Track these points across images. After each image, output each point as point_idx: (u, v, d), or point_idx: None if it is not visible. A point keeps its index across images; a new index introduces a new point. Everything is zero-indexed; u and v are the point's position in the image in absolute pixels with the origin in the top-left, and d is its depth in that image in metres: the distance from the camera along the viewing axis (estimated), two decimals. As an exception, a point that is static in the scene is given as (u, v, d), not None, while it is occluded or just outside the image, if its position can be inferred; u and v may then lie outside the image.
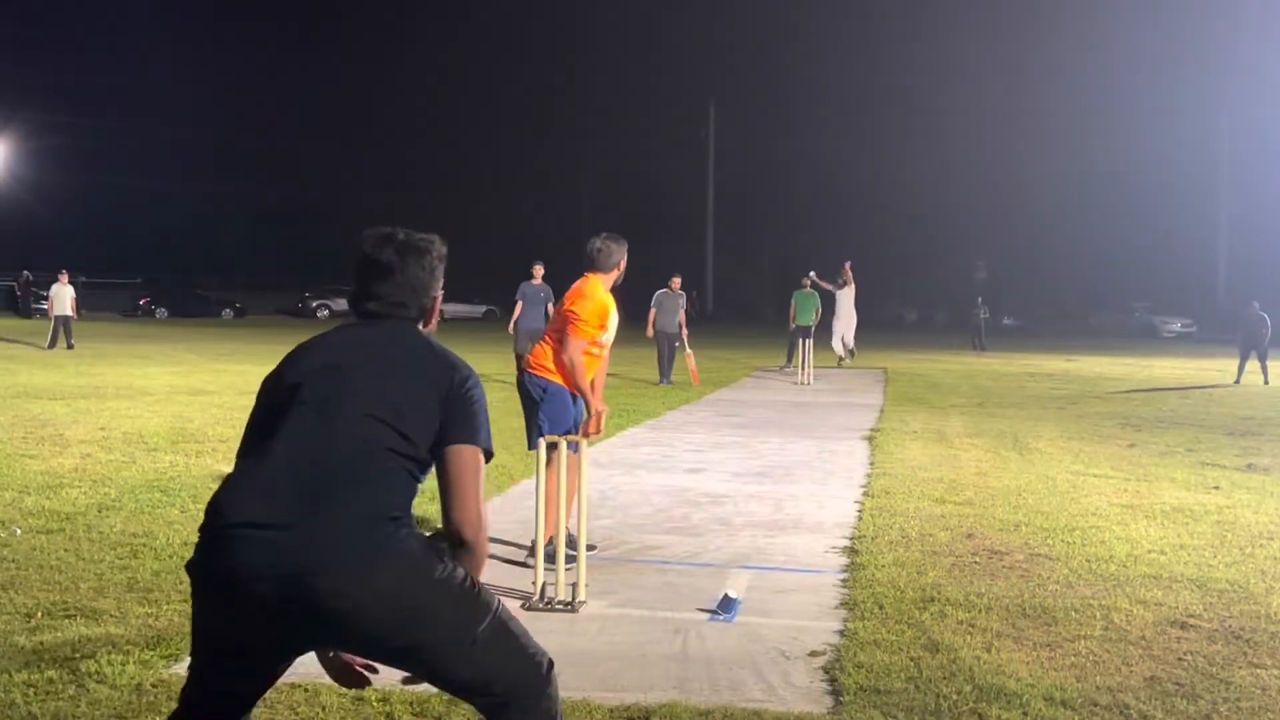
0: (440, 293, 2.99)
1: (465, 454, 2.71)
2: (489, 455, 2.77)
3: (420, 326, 2.94)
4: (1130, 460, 10.90)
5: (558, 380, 6.57)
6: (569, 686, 4.46)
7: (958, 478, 9.61)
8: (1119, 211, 62.70)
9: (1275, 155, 56.41)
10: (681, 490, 8.97)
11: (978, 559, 6.58)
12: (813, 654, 4.88)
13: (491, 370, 18.61)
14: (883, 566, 6.34)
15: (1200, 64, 59.62)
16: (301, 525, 2.51)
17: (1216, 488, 9.32)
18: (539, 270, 17.63)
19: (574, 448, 5.98)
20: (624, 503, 8.37)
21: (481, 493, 2.72)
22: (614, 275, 6.81)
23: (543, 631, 5.15)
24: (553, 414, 6.52)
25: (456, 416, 2.72)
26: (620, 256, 6.80)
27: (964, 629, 5.17)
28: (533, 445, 6.40)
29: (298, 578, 2.46)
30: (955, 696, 4.30)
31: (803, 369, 20.61)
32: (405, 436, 2.66)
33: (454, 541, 2.69)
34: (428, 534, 2.70)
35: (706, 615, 5.46)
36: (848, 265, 24.12)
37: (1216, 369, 27.47)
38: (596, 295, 6.61)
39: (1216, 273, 60.78)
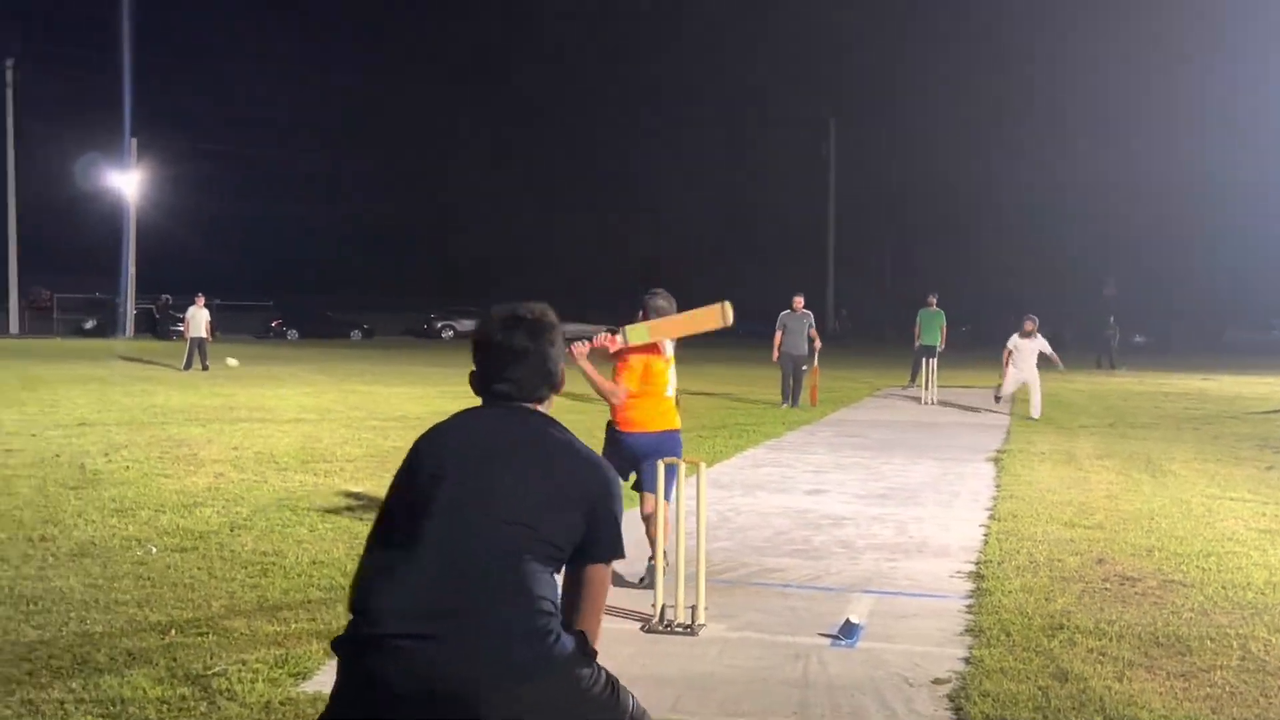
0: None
1: (604, 572, 2.75)
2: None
3: (551, 397, 2.89)
4: (1269, 484, 10.52)
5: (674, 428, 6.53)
6: (689, 710, 4.47)
7: (1088, 501, 9.37)
8: (1255, 224, 60.65)
9: None
10: (802, 512, 8.90)
11: (1109, 585, 6.40)
12: (937, 681, 4.79)
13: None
14: (1010, 592, 6.21)
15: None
16: (456, 639, 2.48)
17: (1364, 512, 8.94)
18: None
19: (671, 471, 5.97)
20: (743, 524, 8.34)
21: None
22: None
23: (663, 655, 5.18)
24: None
25: (602, 536, 2.71)
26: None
27: (1094, 657, 5.03)
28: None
29: (453, 695, 2.44)
30: (1085, 728, 4.19)
31: (926, 388, 20.33)
32: (551, 542, 2.63)
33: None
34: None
35: (828, 640, 5.41)
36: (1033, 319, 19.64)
37: (1363, 387, 26.34)
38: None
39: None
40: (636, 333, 6.19)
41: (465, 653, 2.47)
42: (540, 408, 2.84)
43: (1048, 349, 17.84)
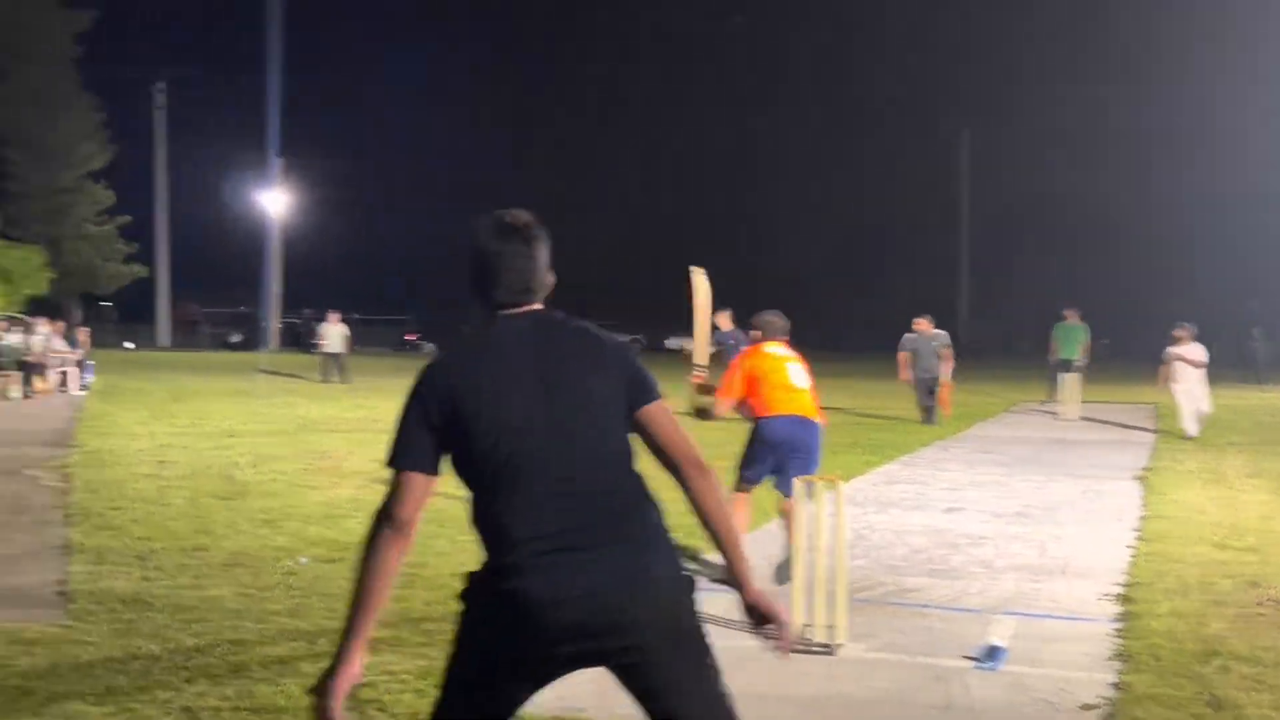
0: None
1: (663, 406, 2.75)
2: None
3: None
4: None
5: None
6: (829, 732, 4.43)
7: (1239, 521, 9.06)
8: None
9: None
10: (939, 530, 8.77)
11: (1263, 610, 6.18)
12: (1085, 707, 4.68)
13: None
14: (1159, 616, 6.03)
15: None
16: (596, 549, 2.55)
17: None
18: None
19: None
20: (879, 542, 8.25)
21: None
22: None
23: (801, 674, 5.15)
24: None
25: (640, 385, 2.74)
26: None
27: (1249, 685, 4.86)
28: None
29: (602, 605, 2.52)
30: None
31: (1065, 404, 19.85)
32: (620, 431, 2.70)
33: (695, 474, 2.71)
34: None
35: (970, 663, 5.32)
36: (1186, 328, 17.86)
37: None
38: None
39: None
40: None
41: (610, 565, 2.54)
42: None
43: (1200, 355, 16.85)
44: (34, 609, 6.01)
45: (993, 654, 5.38)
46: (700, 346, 7.48)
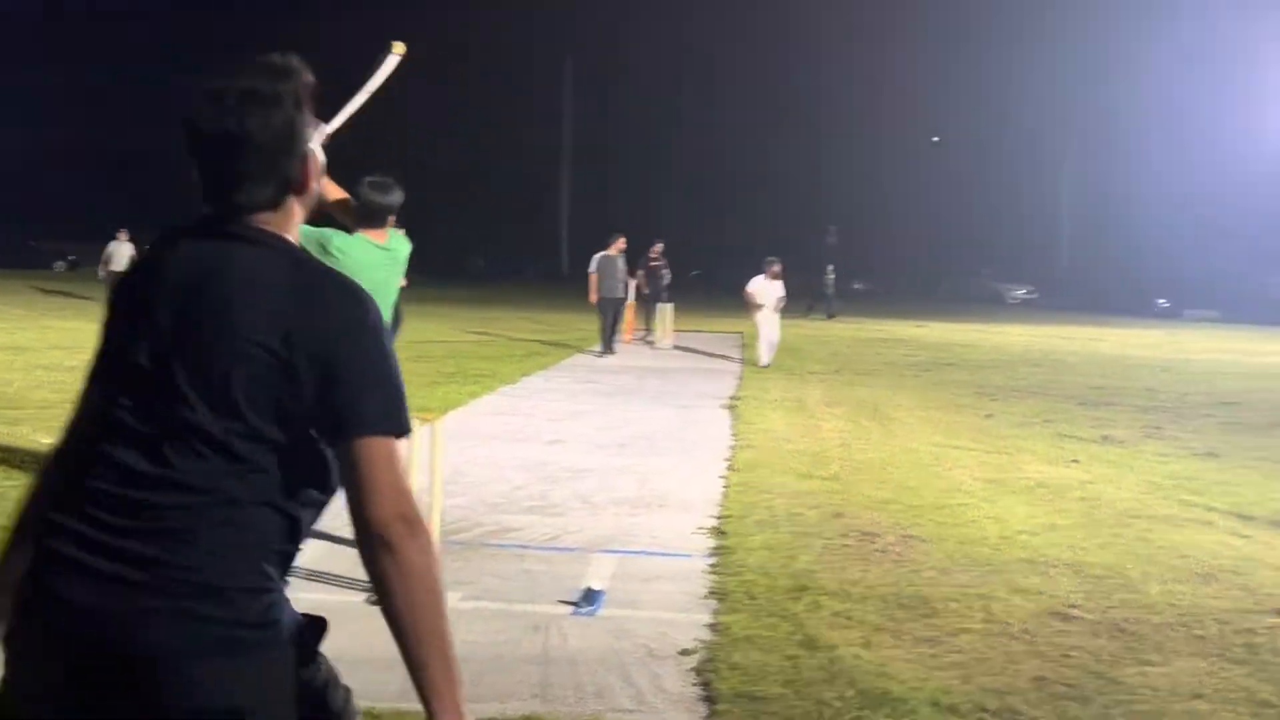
0: (317, 146, 1.94)
1: (382, 448, 1.82)
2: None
3: (294, 213, 1.93)
4: (989, 432, 10.87)
5: None
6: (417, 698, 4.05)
7: (822, 450, 9.41)
8: (967, 180, 63.95)
9: (1117, 132, 58.27)
10: (540, 464, 8.57)
11: (849, 542, 6.33)
12: (683, 653, 4.54)
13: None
14: (753, 550, 6.04)
15: (1050, 46, 60.92)
16: (125, 582, 1.74)
17: (1076, 461, 9.31)
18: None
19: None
20: (478, 479, 7.92)
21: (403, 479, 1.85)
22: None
23: (387, 631, 4.72)
24: None
25: (356, 393, 1.81)
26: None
27: (840, 622, 4.89)
28: None
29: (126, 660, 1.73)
30: (838, 703, 4.01)
31: (659, 333, 20.42)
32: (257, 432, 1.79)
33: (371, 547, 1.84)
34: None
35: (569, 609, 5.08)
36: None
37: (1061, 336, 28.14)
38: None
39: (1059, 242, 62.74)
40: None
41: (133, 599, 1.72)
42: (271, 225, 1.89)
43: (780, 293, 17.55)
44: None
45: (591, 598, 5.17)
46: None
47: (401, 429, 1.84)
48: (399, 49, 5.16)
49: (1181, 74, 54.76)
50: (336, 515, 2.02)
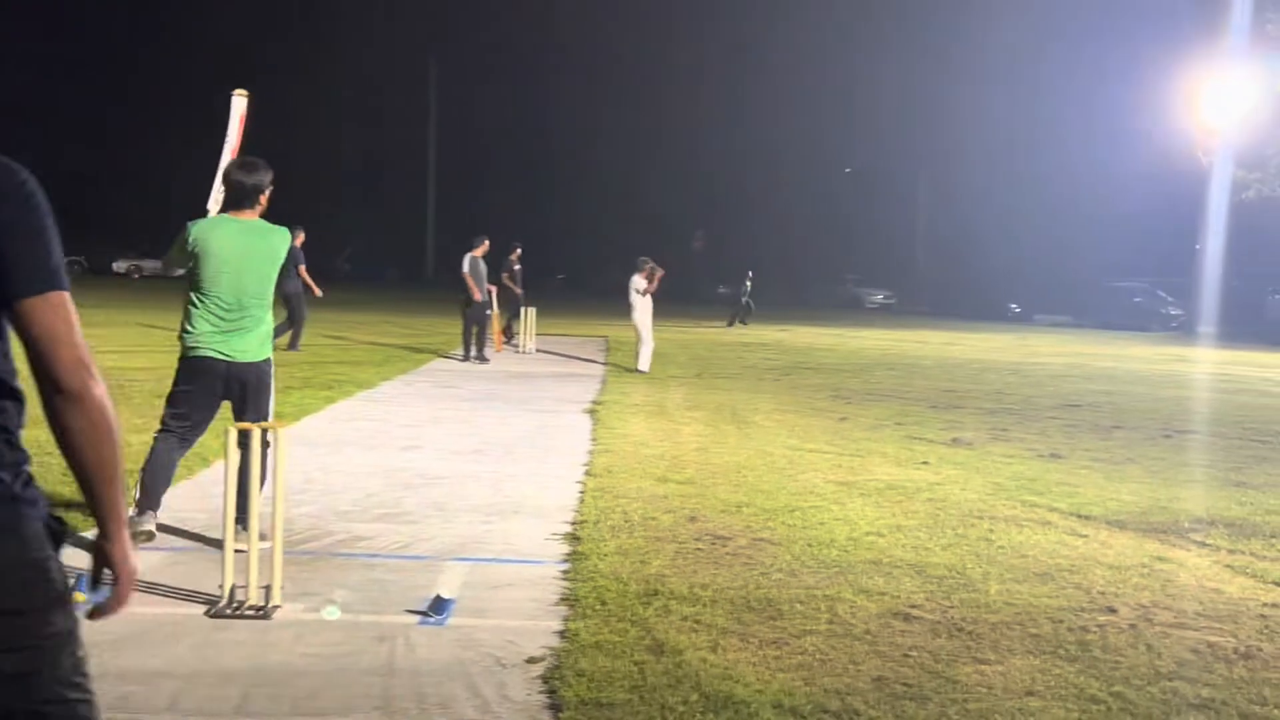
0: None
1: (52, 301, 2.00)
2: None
3: None
4: (843, 434, 11.06)
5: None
6: (258, 710, 3.97)
7: (679, 454, 9.47)
8: (829, 184, 65.15)
9: (972, 142, 59.92)
10: (395, 471, 8.45)
11: (701, 545, 6.38)
12: (531, 660, 4.51)
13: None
14: (605, 555, 6.04)
15: (908, 56, 62.36)
16: None
17: (925, 463, 9.52)
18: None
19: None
20: (330, 487, 7.78)
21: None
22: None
23: (229, 643, 4.61)
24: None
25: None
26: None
27: (689, 626, 4.91)
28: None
29: None
30: (681, 708, 4.03)
31: (522, 337, 20.36)
32: None
33: (59, 397, 2.00)
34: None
35: (416, 618, 5.01)
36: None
37: (916, 340, 28.82)
38: None
39: (915, 248, 64.32)
40: None
41: None
42: None
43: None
44: None
45: (440, 607, 5.11)
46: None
47: (66, 284, 2.03)
48: (241, 93, 5.69)
49: (1034, 84, 56.60)
50: (172, 527, 1.94)
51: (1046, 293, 48.16)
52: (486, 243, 18.08)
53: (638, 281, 16.95)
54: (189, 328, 5.92)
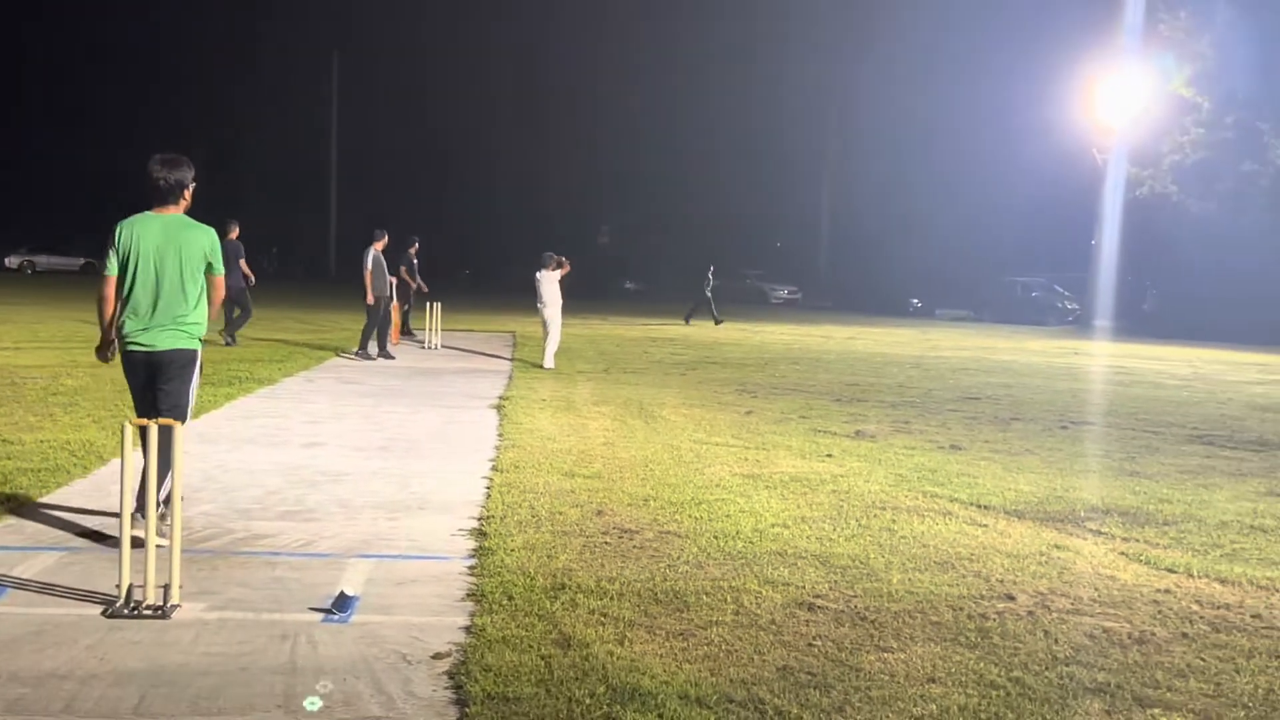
0: None
1: None
2: None
3: None
4: (749, 428, 11.14)
5: None
6: (156, 711, 3.90)
7: (587, 448, 9.46)
8: (734, 181, 65.51)
9: (870, 138, 60.66)
10: (297, 468, 8.33)
11: (608, 539, 6.38)
12: (437, 656, 4.48)
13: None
14: (512, 550, 6.02)
15: (810, 55, 62.94)
16: None
17: (829, 455, 9.62)
18: (386, 240, 17.82)
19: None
20: (230, 484, 7.64)
21: None
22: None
23: (127, 644, 4.52)
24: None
25: None
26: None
27: (596, 619, 4.92)
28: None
29: None
30: (588, 700, 4.03)
31: (429, 331, 20.19)
32: None
33: None
34: None
35: (320, 616, 4.95)
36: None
37: (820, 334, 29.13)
38: None
39: (819, 244, 65.03)
40: None
41: None
42: None
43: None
44: None
45: (343, 604, 5.05)
46: None
47: None
48: None
49: (934, 83, 57.42)
50: (69, 526, 1.89)
51: (947, 288, 48.97)
52: (386, 237, 17.90)
53: (545, 276, 16.91)
54: (121, 323, 6.02)
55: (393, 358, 17.55)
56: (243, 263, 18.11)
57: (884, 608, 5.24)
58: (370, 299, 17.31)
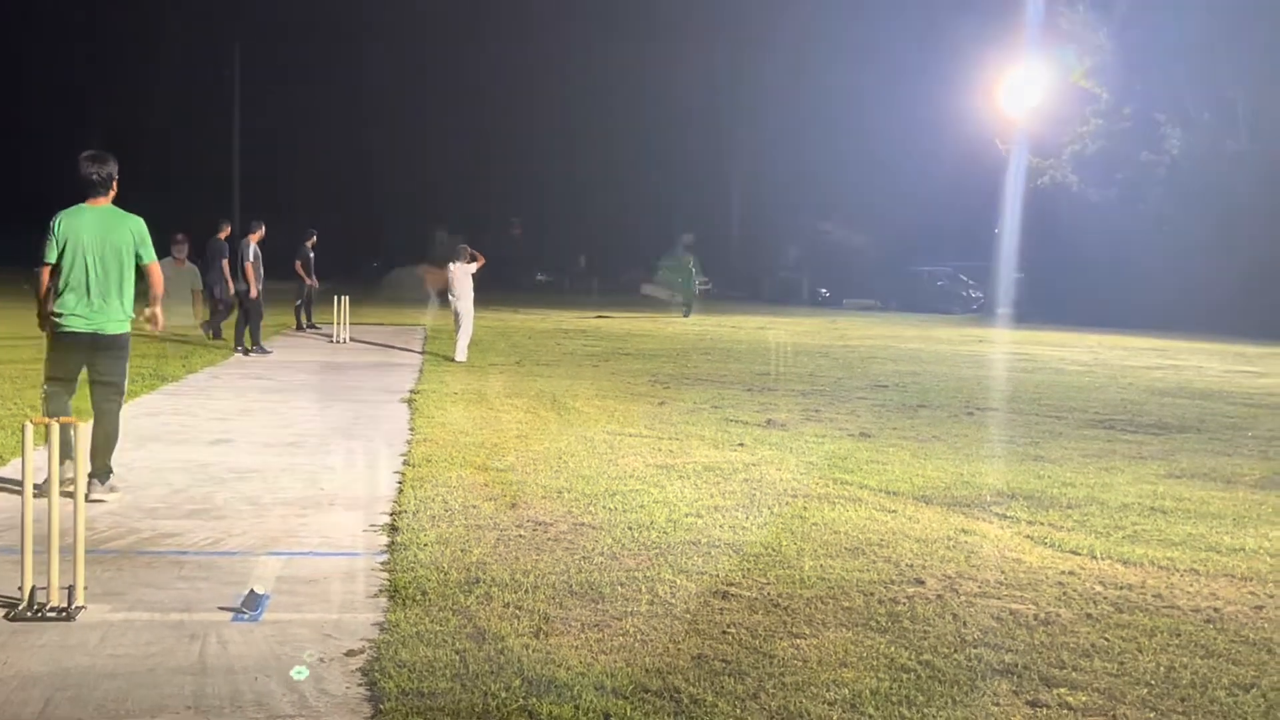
0: None
1: None
2: None
3: None
4: (662, 419, 11.18)
5: None
6: (63, 716, 3.81)
7: (500, 441, 9.43)
8: (646, 174, 65.68)
9: (780, 130, 61.21)
10: (203, 465, 8.19)
11: (523, 532, 6.37)
12: (350, 653, 4.44)
13: None
14: (425, 545, 5.98)
15: (720, 48, 63.35)
16: None
17: (741, 445, 9.69)
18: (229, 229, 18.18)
19: None
20: (135, 483, 7.49)
21: None
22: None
23: (31, 647, 4.41)
24: None
25: None
26: None
27: (511, 613, 4.90)
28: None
29: None
30: (504, 694, 4.02)
31: (336, 325, 19.99)
32: None
33: None
34: None
35: (229, 615, 4.87)
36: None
37: (731, 325, 29.32)
38: None
39: (730, 236, 65.46)
40: None
41: None
42: None
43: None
44: None
45: (254, 602, 4.98)
46: None
47: None
48: None
49: (839, 74, 57.99)
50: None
51: (854, 278, 49.57)
52: (263, 228, 17.64)
53: (459, 269, 16.81)
54: (57, 306, 6.79)
55: (268, 351, 17.35)
56: (224, 264, 17.72)
57: (796, 594, 5.29)
58: (254, 292, 17.09)
